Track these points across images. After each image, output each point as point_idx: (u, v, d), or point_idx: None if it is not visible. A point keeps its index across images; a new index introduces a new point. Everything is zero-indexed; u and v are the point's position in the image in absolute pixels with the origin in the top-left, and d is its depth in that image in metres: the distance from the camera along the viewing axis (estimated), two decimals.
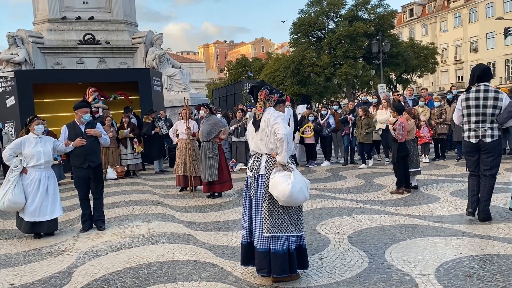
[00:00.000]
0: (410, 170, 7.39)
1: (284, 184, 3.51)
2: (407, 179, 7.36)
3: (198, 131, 8.30)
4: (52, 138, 6.16)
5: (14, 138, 11.96)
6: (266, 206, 3.64)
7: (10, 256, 5.05)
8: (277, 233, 3.60)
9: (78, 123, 6.00)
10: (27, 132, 5.93)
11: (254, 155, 3.86)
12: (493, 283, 3.50)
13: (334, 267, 4.05)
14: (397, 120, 7.37)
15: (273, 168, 3.67)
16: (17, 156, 5.70)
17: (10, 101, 12.67)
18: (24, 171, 5.69)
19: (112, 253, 4.88)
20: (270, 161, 3.71)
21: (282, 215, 3.64)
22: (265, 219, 3.62)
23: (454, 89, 12.87)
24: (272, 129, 3.64)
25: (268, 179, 3.67)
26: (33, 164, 5.68)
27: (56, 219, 5.91)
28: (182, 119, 8.75)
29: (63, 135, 5.97)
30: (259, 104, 3.83)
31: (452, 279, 3.61)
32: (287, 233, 3.63)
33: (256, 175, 3.75)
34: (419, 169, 7.57)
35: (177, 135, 8.81)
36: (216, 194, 7.90)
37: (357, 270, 3.93)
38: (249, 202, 3.82)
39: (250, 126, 3.94)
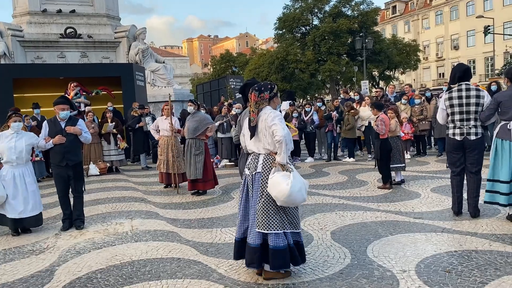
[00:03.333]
0: (392, 165, 7.51)
1: (283, 184, 3.50)
2: (389, 175, 7.48)
3: (183, 128, 8.17)
4: (33, 134, 6.03)
5: None
6: (262, 204, 3.63)
7: None
8: (276, 230, 3.61)
9: (59, 120, 5.86)
10: (7, 128, 5.85)
11: (251, 153, 3.86)
12: (471, 278, 3.59)
13: (317, 263, 4.10)
14: (378, 116, 7.49)
15: (271, 167, 3.66)
16: None
17: None
18: None
19: (95, 251, 4.84)
20: (267, 159, 3.70)
21: (280, 212, 3.66)
22: (260, 217, 3.63)
23: (445, 85, 12.88)
24: (270, 130, 3.60)
25: (265, 177, 3.66)
26: (5, 160, 5.64)
27: (40, 214, 5.88)
28: (164, 115, 8.67)
29: (44, 131, 5.86)
30: (251, 108, 3.77)
31: (431, 275, 3.69)
32: (285, 229, 3.66)
33: (253, 173, 3.75)
34: (402, 165, 7.70)
35: (158, 132, 8.69)
36: (200, 192, 7.83)
37: (340, 267, 3.99)
38: (245, 200, 3.83)
39: (245, 126, 3.90)
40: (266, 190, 3.64)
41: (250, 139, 3.80)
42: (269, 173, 3.65)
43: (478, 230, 4.88)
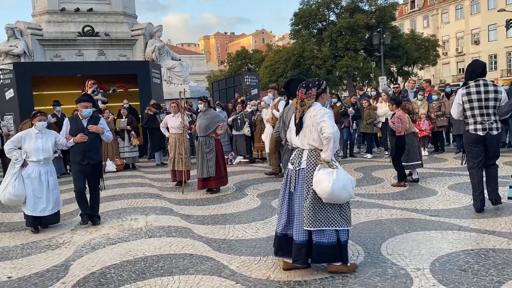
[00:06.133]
0: (409, 163, 7.39)
1: (325, 182, 3.49)
2: (404, 173, 7.36)
3: (195, 125, 8.00)
4: (54, 132, 5.95)
5: (13, 130, 11.96)
6: (309, 201, 3.61)
7: (8, 249, 5.07)
8: (322, 227, 3.59)
9: (81, 118, 5.80)
10: (31, 126, 5.81)
11: (296, 149, 3.84)
12: (488, 277, 3.51)
13: None
14: (394, 113, 7.36)
15: (315, 163, 3.64)
16: (19, 149, 5.63)
17: (9, 94, 12.67)
18: (24, 164, 5.60)
19: (110, 246, 4.89)
20: (311, 155, 3.68)
21: (330, 209, 3.62)
22: (307, 214, 3.60)
23: (462, 81, 12.59)
24: (319, 127, 3.58)
25: (309, 173, 3.65)
26: (32, 160, 5.61)
27: (58, 211, 5.92)
28: (172, 112, 8.64)
29: (65, 128, 5.79)
30: (296, 105, 3.77)
31: (446, 273, 3.62)
32: (337, 226, 3.62)
33: (297, 168, 3.73)
34: (419, 162, 7.55)
35: (168, 129, 8.66)
36: (214, 190, 7.66)
37: None
38: (288, 195, 3.80)
39: (292, 121, 3.90)
40: (312, 187, 3.61)
41: (296, 136, 3.77)
42: (313, 169, 3.63)
43: (496, 228, 4.76)
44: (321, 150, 3.62)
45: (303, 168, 3.68)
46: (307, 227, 3.60)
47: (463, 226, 4.88)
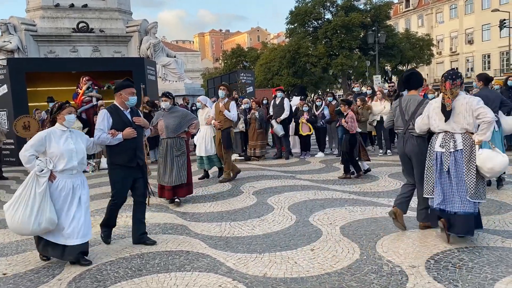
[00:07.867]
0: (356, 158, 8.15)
1: (499, 157, 4.10)
2: (358, 166, 8.14)
3: (156, 125, 6.63)
4: (84, 134, 4.67)
5: (7, 127, 11.87)
6: (472, 177, 4.13)
7: (3, 246, 5.05)
8: (480, 199, 4.19)
9: (122, 108, 4.76)
10: (53, 123, 4.31)
11: (441, 133, 4.32)
12: (482, 274, 3.55)
13: (325, 258, 4.08)
14: (347, 113, 8.16)
15: (471, 145, 4.16)
16: (37, 157, 4.16)
17: (3, 90, 12.56)
18: (51, 177, 4.15)
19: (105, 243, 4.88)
20: (466, 138, 4.20)
21: (482, 184, 4.22)
22: (472, 187, 4.12)
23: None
24: (476, 113, 4.10)
25: (467, 153, 4.17)
26: (62, 168, 4.15)
27: (87, 242, 4.36)
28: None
29: (106, 122, 4.60)
30: (446, 95, 4.23)
31: (441, 271, 3.65)
32: (484, 199, 4.27)
33: (451, 151, 4.22)
34: (357, 158, 8.19)
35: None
36: (176, 200, 6.67)
37: (348, 262, 3.97)
38: (446, 174, 4.26)
39: (431, 108, 4.41)
40: (474, 164, 4.13)
41: (445, 122, 4.26)
42: (469, 150, 4.17)
43: (490, 226, 4.81)
44: (472, 133, 4.16)
45: (461, 150, 4.19)
46: (474, 198, 4.13)
47: None
